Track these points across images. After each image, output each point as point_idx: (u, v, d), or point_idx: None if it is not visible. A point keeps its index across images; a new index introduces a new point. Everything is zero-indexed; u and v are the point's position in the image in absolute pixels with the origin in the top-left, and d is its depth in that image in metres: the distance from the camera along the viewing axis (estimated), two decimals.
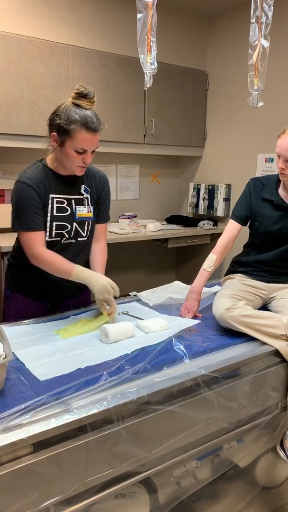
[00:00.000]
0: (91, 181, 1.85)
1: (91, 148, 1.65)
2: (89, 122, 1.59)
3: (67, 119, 1.59)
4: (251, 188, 2.01)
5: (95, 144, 1.65)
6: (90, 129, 1.60)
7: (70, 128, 1.59)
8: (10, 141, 2.96)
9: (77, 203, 1.79)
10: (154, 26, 1.53)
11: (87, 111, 1.60)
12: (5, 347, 1.25)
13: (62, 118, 1.60)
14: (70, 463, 1.13)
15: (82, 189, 1.81)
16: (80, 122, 1.58)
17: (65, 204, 1.76)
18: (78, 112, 1.59)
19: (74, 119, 1.58)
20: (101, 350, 1.50)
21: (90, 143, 1.63)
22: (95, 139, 1.63)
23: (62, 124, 1.60)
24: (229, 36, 3.79)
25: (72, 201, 1.78)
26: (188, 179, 4.31)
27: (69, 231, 1.79)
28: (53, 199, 1.73)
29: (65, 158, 1.67)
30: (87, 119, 1.59)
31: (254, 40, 1.72)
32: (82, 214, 1.80)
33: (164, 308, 1.93)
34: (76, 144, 1.61)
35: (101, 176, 1.89)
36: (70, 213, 1.77)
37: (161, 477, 1.38)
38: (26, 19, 3.07)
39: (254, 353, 1.53)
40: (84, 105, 1.61)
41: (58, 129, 1.62)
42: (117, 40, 3.47)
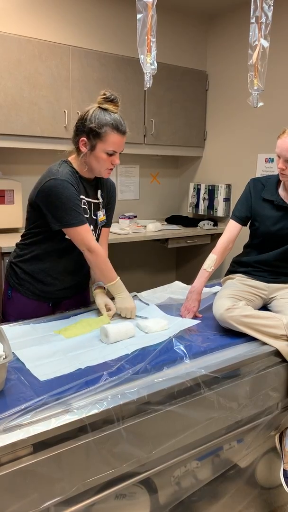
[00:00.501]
0: (103, 187, 1.91)
1: (120, 150, 1.73)
2: (119, 125, 1.68)
3: (98, 122, 1.66)
4: (251, 189, 2.01)
5: (123, 145, 1.73)
6: (121, 131, 1.68)
7: (102, 131, 1.66)
8: (10, 141, 2.96)
9: (95, 208, 1.86)
10: (154, 27, 1.53)
11: (115, 115, 1.68)
12: (5, 348, 1.25)
13: (93, 122, 1.67)
14: (70, 463, 1.13)
15: (99, 194, 1.87)
16: (112, 125, 1.66)
17: (87, 206, 1.81)
18: (107, 116, 1.67)
19: (106, 122, 1.66)
20: (101, 350, 1.50)
21: (120, 144, 1.71)
22: (123, 140, 1.72)
23: (94, 128, 1.66)
24: (229, 36, 3.79)
25: (92, 205, 1.84)
26: (188, 179, 4.31)
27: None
28: (81, 200, 1.78)
29: (95, 162, 1.72)
30: (117, 122, 1.67)
31: (254, 40, 1.72)
32: (101, 218, 1.89)
33: (164, 308, 1.93)
34: (108, 147, 1.68)
35: (111, 183, 1.97)
36: (90, 216, 1.83)
37: (162, 477, 1.38)
38: (26, 19, 3.07)
39: (255, 353, 1.53)
40: (111, 109, 1.69)
41: (88, 133, 1.68)
42: (116, 40, 3.47)
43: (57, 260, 1.83)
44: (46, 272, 1.83)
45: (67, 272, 1.87)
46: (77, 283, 1.94)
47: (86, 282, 2.01)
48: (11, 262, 1.92)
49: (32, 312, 1.84)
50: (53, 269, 1.83)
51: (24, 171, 3.36)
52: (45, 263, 1.82)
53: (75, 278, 1.91)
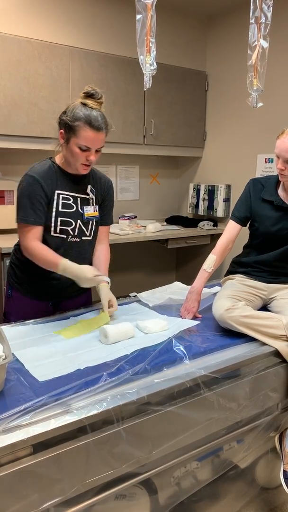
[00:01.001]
0: (97, 184, 1.90)
1: (95, 147, 1.69)
2: (93, 120, 1.64)
3: (72, 116, 1.66)
4: (251, 189, 2.01)
5: (99, 143, 1.69)
6: (94, 127, 1.65)
7: (74, 125, 1.65)
8: (10, 142, 2.96)
9: (83, 203, 1.83)
10: (153, 27, 1.53)
11: (93, 111, 1.66)
12: (4, 348, 1.25)
13: (68, 115, 1.67)
14: (70, 464, 1.12)
15: (89, 189, 1.85)
16: (84, 120, 1.64)
17: (71, 201, 1.80)
18: (83, 110, 1.66)
19: (79, 116, 1.65)
20: (100, 350, 1.50)
21: (93, 141, 1.67)
22: (98, 137, 1.68)
23: (68, 121, 1.66)
24: (228, 37, 3.79)
25: (78, 199, 1.82)
26: (188, 179, 4.31)
27: (74, 229, 1.82)
28: (59, 195, 1.77)
29: (70, 155, 1.72)
30: (91, 117, 1.65)
31: (254, 40, 1.72)
32: (90, 213, 1.85)
33: (164, 309, 1.93)
34: (80, 141, 1.66)
35: (106, 180, 1.95)
36: (75, 211, 1.81)
37: (162, 478, 1.38)
38: (26, 20, 3.07)
39: (254, 354, 1.53)
40: (91, 105, 1.67)
41: (64, 126, 1.69)
42: (116, 41, 3.47)
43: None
44: (42, 271, 1.82)
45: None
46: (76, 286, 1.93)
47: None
48: (11, 262, 1.92)
49: (33, 312, 1.84)
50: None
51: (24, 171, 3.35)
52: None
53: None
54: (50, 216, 1.76)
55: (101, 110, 1.70)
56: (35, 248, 1.72)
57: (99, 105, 1.70)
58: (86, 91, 1.69)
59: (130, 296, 2.11)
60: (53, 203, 1.76)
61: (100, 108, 1.70)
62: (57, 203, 1.77)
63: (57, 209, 1.77)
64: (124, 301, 2.05)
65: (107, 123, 1.70)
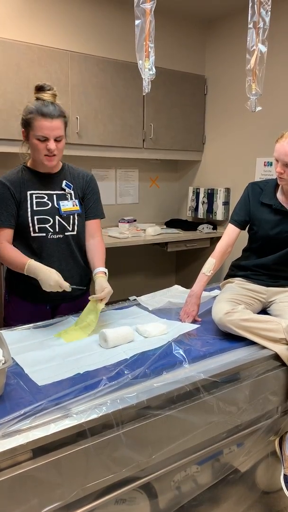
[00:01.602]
0: (74, 178, 1.93)
1: (52, 135, 1.73)
2: (44, 110, 1.70)
3: (26, 111, 1.74)
4: (250, 193, 2.01)
5: (54, 130, 1.73)
6: (46, 115, 1.70)
7: (28, 118, 1.73)
8: (10, 146, 2.96)
9: (59, 199, 1.86)
10: (152, 32, 1.54)
11: (44, 102, 1.72)
12: (4, 353, 1.25)
13: (24, 112, 1.75)
14: (70, 468, 1.12)
15: (64, 184, 1.88)
16: (36, 110, 1.71)
17: (46, 199, 1.84)
18: (35, 103, 1.72)
19: (31, 109, 1.72)
20: (100, 355, 1.50)
21: (49, 129, 1.72)
22: (53, 125, 1.72)
23: (24, 117, 1.75)
24: (227, 41, 3.81)
25: (54, 196, 1.86)
26: (187, 183, 4.32)
27: (52, 225, 1.84)
28: (31, 195, 1.82)
29: (32, 150, 1.79)
30: (42, 107, 1.71)
31: (252, 45, 1.73)
32: (68, 208, 1.87)
33: (164, 313, 1.93)
34: (36, 132, 1.72)
35: (85, 174, 1.97)
36: (51, 207, 1.84)
37: (162, 482, 1.37)
38: (25, 25, 3.08)
39: (254, 357, 1.53)
40: (43, 97, 1.74)
41: (22, 124, 1.77)
42: (115, 45, 3.49)
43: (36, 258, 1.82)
44: None
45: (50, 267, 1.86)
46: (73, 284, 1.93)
47: (83, 284, 2.00)
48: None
49: (31, 315, 1.84)
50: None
51: None
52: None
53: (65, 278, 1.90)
54: (26, 216, 1.80)
55: (56, 102, 1.75)
56: (2, 249, 1.78)
57: (52, 96, 1.75)
58: (36, 85, 1.75)
59: (129, 299, 2.11)
60: (27, 203, 1.81)
61: (55, 100, 1.75)
62: (30, 203, 1.81)
63: (31, 208, 1.81)
64: (124, 304, 2.05)
65: (60, 111, 1.75)
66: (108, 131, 3.45)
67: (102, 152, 3.49)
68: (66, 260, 1.88)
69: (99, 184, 2.04)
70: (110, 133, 3.45)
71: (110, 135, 3.46)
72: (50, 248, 1.84)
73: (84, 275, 1.98)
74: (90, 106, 3.32)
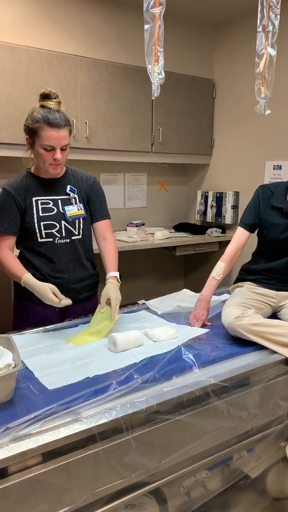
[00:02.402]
0: (78, 182, 1.93)
1: (58, 145, 1.73)
2: (51, 119, 1.69)
3: (32, 119, 1.73)
4: (260, 195, 2.00)
5: (61, 140, 1.73)
6: (53, 125, 1.69)
7: (35, 127, 1.71)
8: (20, 151, 2.98)
9: (64, 204, 1.87)
10: (161, 37, 1.54)
11: (50, 111, 1.71)
12: (14, 356, 1.26)
13: (29, 120, 1.74)
14: (79, 473, 1.12)
15: (68, 189, 1.89)
16: (43, 120, 1.69)
17: (51, 204, 1.85)
18: (41, 112, 1.71)
19: (37, 118, 1.71)
20: (109, 359, 1.49)
21: (56, 139, 1.72)
22: (59, 135, 1.71)
23: (29, 125, 1.73)
24: (235, 45, 3.81)
25: (59, 201, 1.86)
26: (196, 186, 4.32)
27: (59, 230, 1.85)
28: (37, 202, 1.83)
29: (37, 158, 1.79)
30: (49, 116, 1.70)
31: (261, 48, 1.73)
32: (73, 213, 1.87)
33: (173, 317, 1.92)
34: (43, 141, 1.72)
35: (88, 177, 1.97)
36: (56, 213, 1.85)
37: (171, 488, 1.36)
38: (35, 31, 3.11)
39: (264, 362, 1.52)
40: (48, 105, 1.72)
41: (27, 131, 1.76)
42: (124, 50, 3.50)
43: (44, 263, 1.86)
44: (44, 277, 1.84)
45: (59, 274, 1.87)
46: (80, 287, 1.94)
47: (90, 287, 2.02)
48: None
49: (40, 318, 1.85)
50: (45, 272, 1.85)
51: None
52: (36, 266, 1.85)
53: (73, 281, 1.91)
54: (33, 223, 1.81)
55: (61, 110, 1.74)
56: (4, 259, 1.79)
57: (57, 104, 1.74)
58: (42, 92, 1.73)
59: (138, 303, 2.11)
60: (32, 210, 1.81)
61: (59, 107, 1.74)
62: (36, 209, 1.82)
63: (37, 214, 1.82)
64: (133, 308, 2.05)
65: (66, 120, 1.74)
66: (117, 135, 3.46)
67: (111, 156, 3.50)
68: (74, 263, 1.90)
69: (107, 188, 2.06)
70: (119, 137, 3.46)
71: (119, 140, 3.47)
72: (58, 253, 1.85)
73: (91, 278, 1.99)
74: (99, 110, 3.34)
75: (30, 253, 1.86)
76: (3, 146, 2.95)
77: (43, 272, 1.85)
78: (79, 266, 1.92)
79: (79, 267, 1.92)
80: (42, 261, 1.85)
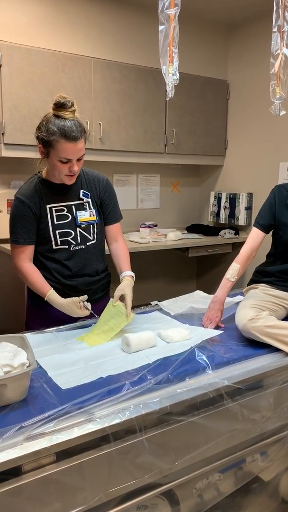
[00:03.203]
0: (91, 185, 1.89)
1: (75, 157, 1.68)
2: (67, 132, 1.62)
3: (47, 131, 1.64)
4: (276, 195, 1.98)
5: (78, 152, 1.68)
6: (70, 138, 1.63)
7: (51, 140, 1.64)
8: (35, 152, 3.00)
9: (78, 209, 1.84)
10: (176, 38, 1.54)
11: (66, 121, 1.63)
12: (29, 356, 1.27)
13: (43, 131, 1.66)
14: (93, 473, 1.12)
15: (81, 194, 1.85)
16: (59, 133, 1.62)
17: (65, 211, 1.82)
18: (57, 123, 1.63)
19: (53, 130, 1.63)
20: (122, 359, 1.50)
21: (73, 152, 1.66)
22: (76, 147, 1.66)
23: (44, 137, 1.65)
24: (250, 45, 3.79)
25: (73, 207, 1.84)
26: (209, 188, 4.30)
27: (75, 237, 1.84)
28: (51, 209, 1.80)
29: (52, 169, 1.74)
30: (65, 129, 1.62)
31: (276, 49, 1.72)
32: (84, 218, 1.85)
33: (186, 318, 1.92)
34: (59, 154, 1.66)
35: (100, 179, 1.92)
36: (71, 220, 1.83)
37: (184, 489, 1.36)
38: (50, 33, 3.13)
39: (278, 365, 1.51)
40: (63, 115, 1.64)
41: (42, 142, 1.69)
42: (138, 51, 3.51)
43: (58, 267, 1.85)
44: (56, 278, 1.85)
45: (73, 278, 1.88)
46: (94, 289, 1.94)
47: (103, 287, 2.02)
48: None
49: (54, 318, 1.85)
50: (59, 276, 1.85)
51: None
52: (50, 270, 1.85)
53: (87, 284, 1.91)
54: (48, 231, 1.79)
55: (76, 118, 1.66)
56: (27, 272, 1.78)
57: (72, 113, 1.66)
58: (57, 101, 1.64)
59: (151, 304, 2.10)
60: (47, 218, 1.79)
61: (74, 116, 1.66)
62: (51, 217, 1.79)
63: (52, 222, 1.79)
64: (146, 309, 2.05)
65: (82, 130, 1.67)
66: (130, 136, 3.46)
67: (124, 158, 3.51)
68: (88, 267, 1.90)
69: (120, 189, 2.06)
70: (132, 138, 3.47)
71: (132, 141, 3.47)
72: (72, 259, 1.85)
73: (104, 279, 2.00)
74: (113, 112, 3.35)
75: (44, 257, 1.85)
76: (18, 147, 2.97)
77: (56, 276, 1.86)
78: (93, 269, 1.92)
79: (93, 270, 1.93)
80: (56, 266, 1.85)
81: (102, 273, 1.98)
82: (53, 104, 1.66)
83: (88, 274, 1.91)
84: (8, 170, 3.26)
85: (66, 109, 1.65)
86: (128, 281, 1.84)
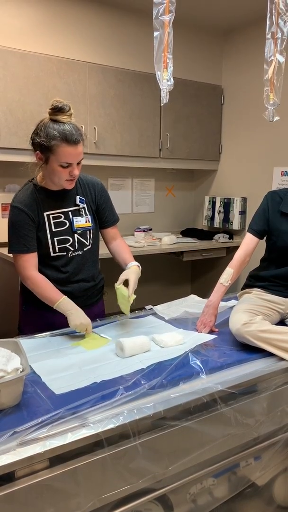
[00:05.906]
0: (86, 190, 1.88)
1: (76, 161, 1.68)
2: (68, 136, 1.62)
3: (46, 136, 1.63)
4: (269, 201, 2.00)
5: (78, 156, 1.68)
6: (71, 142, 1.62)
7: (51, 145, 1.62)
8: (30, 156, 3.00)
9: (74, 215, 1.84)
10: (170, 44, 1.55)
11: (65, 125, 1.63)
12: (22, 360, 1.26)
13: (41, 136, 1.64)
14: (86, 478, 1.12)
15: (77, 200, 1.85)
16: (60, 137, 1.61)
17: (62, 218, 1.81)
18: (56, 127, 1.62)
19: (53, 135, 1.62)
20: (116, 364, 1.49)
21: (74, 156, 1.66)
22: (77, 151, 1.66)
23: (43, 142, 1.63)
24: (244, 51, 3.82)
25: (69, 213, 1.83)
26: (204, 192, 4.32)
27: (72, 244, 1.84)
28: (48, 216, 1.78)
29: (52, 174, 1.71)
30: (66, 133, 1.62)
31: (270, 55, 1.73)
32: (80, 224, 1.84)
33: (180, 322, 1.92)
34: (60, 159, 1.65)
35: (95, 184, 1.92)
36: (69, 226, 1.82)
37: (177, 494, 1.36)
38: (45, 37, 3.14)
39: (272, 369, 1.51)
40: (61, 119, 1.64)
41: (40, 147, 1.66)
42: (133, 56, 3.53)
43: (54, 273, 1.84)
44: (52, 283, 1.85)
45: (69, 283, 1.88)
46: (88, 294, 1.95)
47: (98, 291, 2.02)
48: None
49: (48, 323, 1.85)
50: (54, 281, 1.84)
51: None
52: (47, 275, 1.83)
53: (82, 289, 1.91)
54: (46, 238, 1.78)
55: (72, 122, 1.66)
56: (35, 279, 1.75)
57: (69, 117, 1.66)
58: (54, 106, 1.63)
59: (145, 309, 2.11)
60: (45, 225, 1.78)
61: (71, 120, 1.66)
62: (49, 224, 1.78)
63: (50, 230, 1.78)
64: (140, 314, 2.05)
65: (80, 133, 1.67)
66: (125, 141, 3.47)
67: (119, 162, 3.52)
68: (83, 272, 1.90)
69: (115, 194, 2.06)
70: (127, 143, 3.48)
71: (127, 145, 3.48)
72: (70, 265, 1.85)
73: (98, 284, 2.01)
74: (108, 116, 3.36)
75: (41, 263, 1.83)
76: (12, 151, 2.97)
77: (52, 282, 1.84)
78: (88, 273, 1.92)
79: (88, 275, 1.93)
80: (53, 271, 1.84)
81: (96, 279, 1.98)
82: (50, 109, 1.65)
83: (83, 280, 1.91)
84: (3, 174, 3.26)
85: (64, 113, 1.64)
86: (134, 269, 1.85)
